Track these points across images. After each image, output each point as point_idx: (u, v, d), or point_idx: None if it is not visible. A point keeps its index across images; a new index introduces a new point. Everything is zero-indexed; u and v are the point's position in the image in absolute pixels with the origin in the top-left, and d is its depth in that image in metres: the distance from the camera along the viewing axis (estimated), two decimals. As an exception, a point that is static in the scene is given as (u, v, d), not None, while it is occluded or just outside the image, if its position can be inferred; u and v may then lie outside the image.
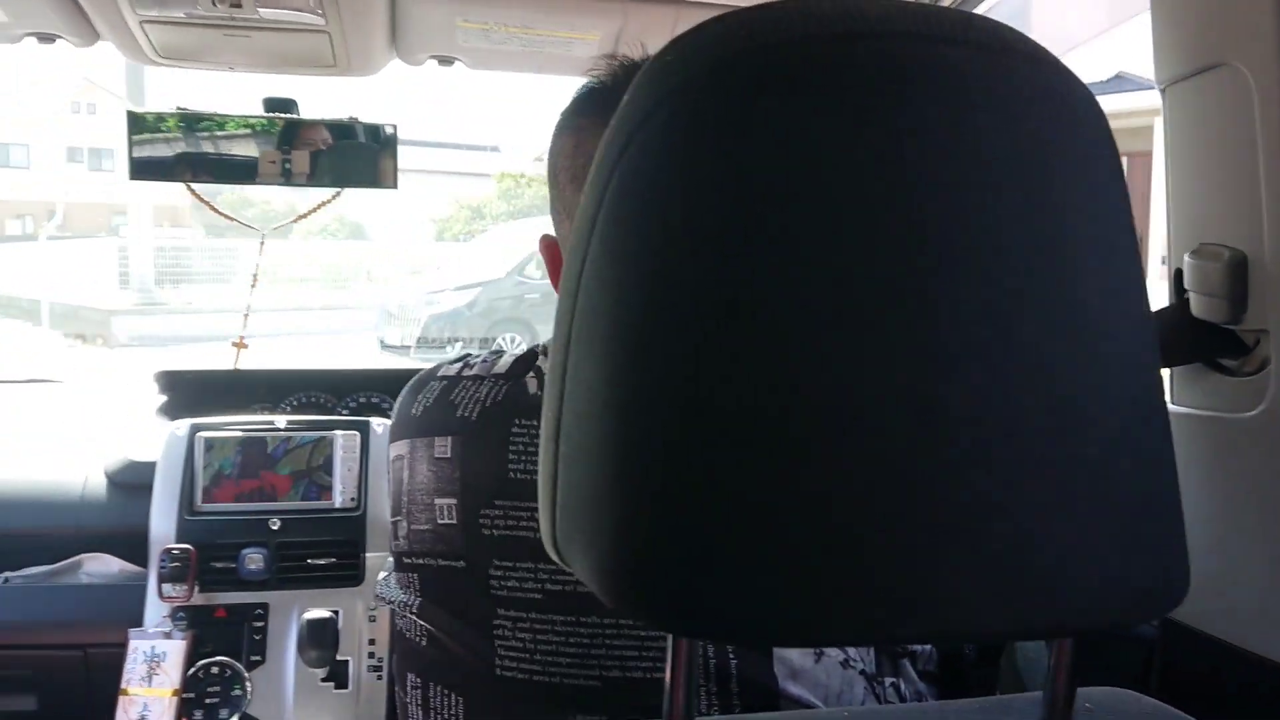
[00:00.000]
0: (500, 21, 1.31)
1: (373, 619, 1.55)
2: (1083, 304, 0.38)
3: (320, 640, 1.45)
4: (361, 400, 2.00)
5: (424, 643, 0.77)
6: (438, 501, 0.76)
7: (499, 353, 0.83)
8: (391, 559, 0.83)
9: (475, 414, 0.76)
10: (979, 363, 0.37)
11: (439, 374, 0.83)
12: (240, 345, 1.89)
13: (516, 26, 1.32)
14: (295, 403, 1.97)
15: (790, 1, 0.38)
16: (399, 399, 0.86)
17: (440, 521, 0.75)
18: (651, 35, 1.34)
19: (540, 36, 1.35)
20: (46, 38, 1.33)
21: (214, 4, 1.23)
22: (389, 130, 1.55)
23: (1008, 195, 0.37)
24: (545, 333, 0.66)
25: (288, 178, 1.51)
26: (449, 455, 0.76)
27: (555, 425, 0.43)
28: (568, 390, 0.42)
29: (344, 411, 1.98)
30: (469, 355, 0.85)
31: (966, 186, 0.37)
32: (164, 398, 1.87)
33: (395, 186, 1.56)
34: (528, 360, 0.78)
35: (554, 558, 0.45)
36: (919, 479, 0.36)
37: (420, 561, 0.77)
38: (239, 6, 1.23)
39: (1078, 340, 0.38)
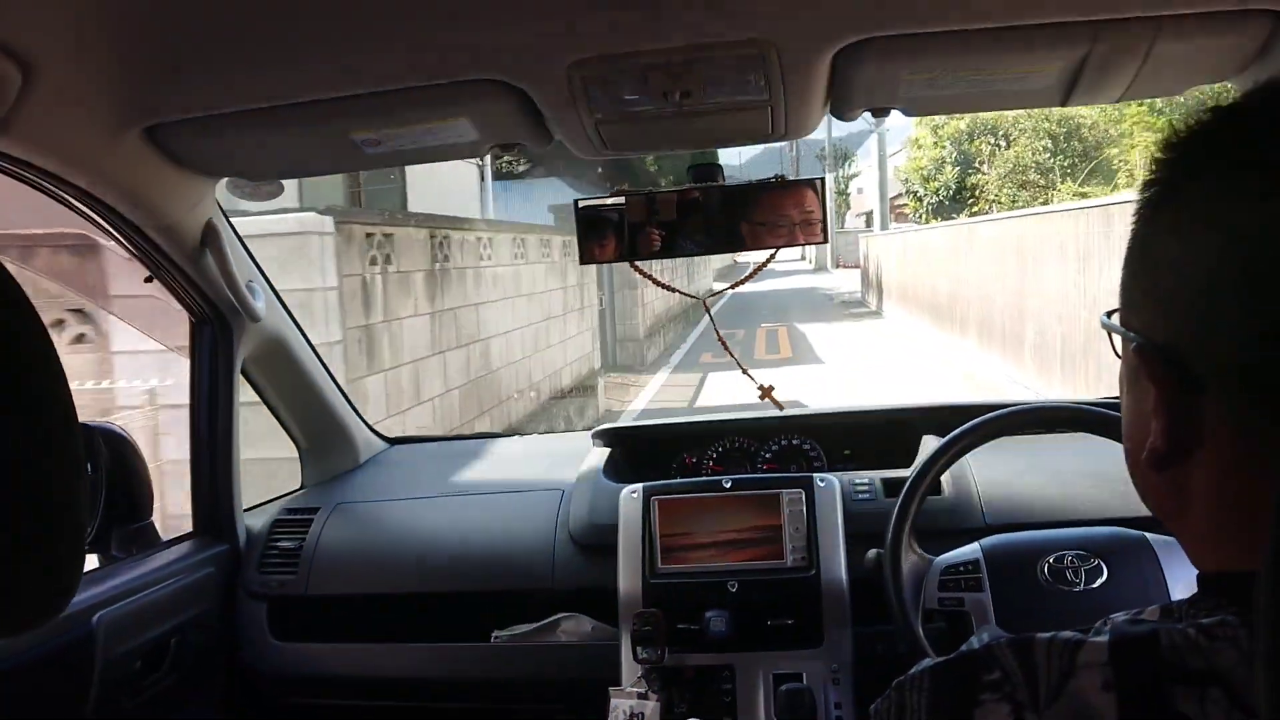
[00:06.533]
0: (949, 68, 1.23)
1: (836, 681, 1.53)
2: None
3: (796, 710, 1.45)
4: (784, 443, 1.99)
5: None
6: None
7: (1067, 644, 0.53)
8: None
9: None
10: None
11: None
12: (767, 393, 1.83)
13: (967, 70, 1.23)
14: (720, 449, 2.01)
15: None
16: None
17: None
18: (1122, 59, 1.19)
19: (992, 77, 1.25)
20: (507, 148, 1.42)
21: (665, 97, 1.25)
22: (817, 184, 1.52)
23: None
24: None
25: (726, 245, 1.52)
26: None
27: None
28: None
29: (766, 455, 1.99)
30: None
31: None
32: (603, 452, 1.97)
33: (827, 240, 1.52)
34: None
35: None
36: None
37: None
38: (688, 96, 1.25)
39: None
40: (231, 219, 1.65)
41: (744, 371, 1.76)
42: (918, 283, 16.53)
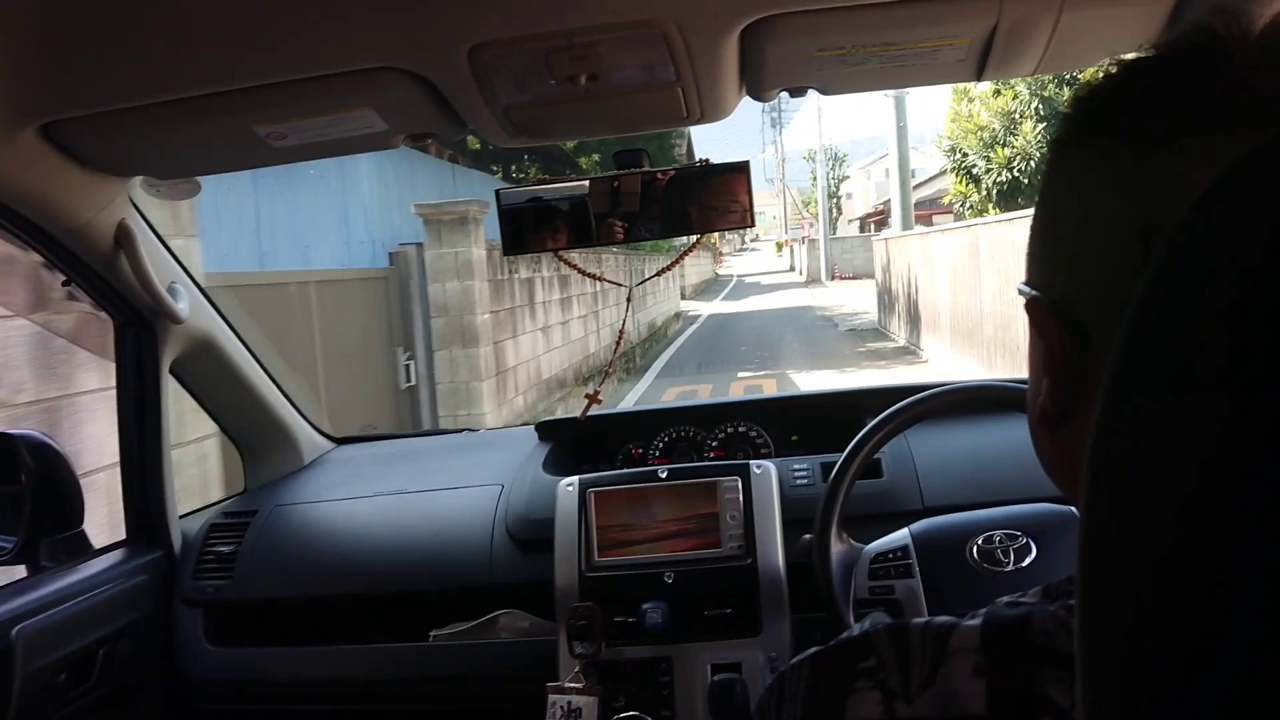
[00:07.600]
0: (859, 44, 1.20)
1: (774, 670, 1.51)
2: None
3: (728, 702, 1.43)
4: (730, 430, 1.97)
5: None
6: None
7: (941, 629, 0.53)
8: None
9: None
10: None
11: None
12: (593, 399, 1.82)
13: (877, 46, 1.21)
14: (666, 439, 1.99)
15: None
16: None
17: None
18: (1031, 30, 1.18)
19: (903, 52, 1.23)
20: (420, 137, 1.39)
21: (570, 82, 1.22)
22: (744, 168, 1.49)
23: None
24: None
25: (654, 230, 1.49)
26: None
27: None
28: None
29: (713, 443, 1.97)
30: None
31: None
32: (546, 446, 1.95)
33: (753, 225, 1.50)
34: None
35: None
36: None
37: None
38: (595, 80, 1.22)
39: None
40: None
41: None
42: (1000, 312, 9.52)
